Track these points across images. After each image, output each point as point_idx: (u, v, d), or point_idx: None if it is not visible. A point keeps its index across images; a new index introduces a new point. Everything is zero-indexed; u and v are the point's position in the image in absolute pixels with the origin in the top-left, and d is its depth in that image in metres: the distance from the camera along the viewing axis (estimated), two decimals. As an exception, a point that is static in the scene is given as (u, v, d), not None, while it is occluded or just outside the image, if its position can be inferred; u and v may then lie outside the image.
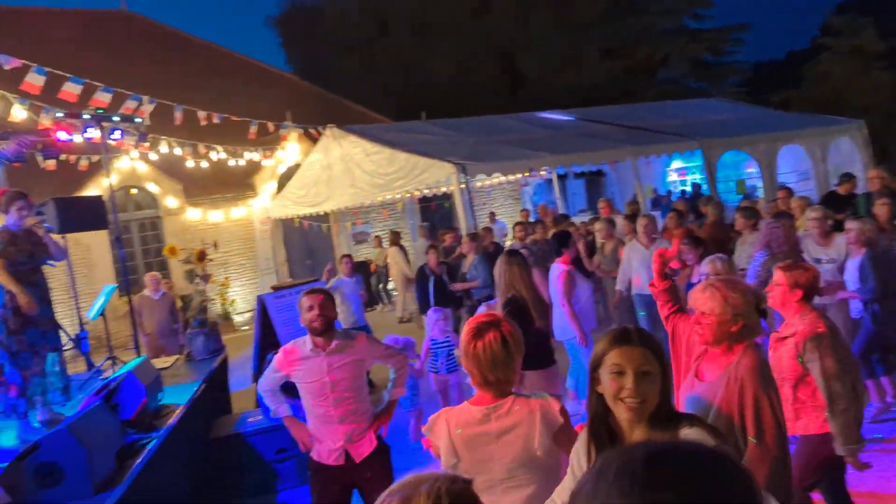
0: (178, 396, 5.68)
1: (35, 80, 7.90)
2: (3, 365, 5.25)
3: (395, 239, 14.36)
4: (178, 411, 5.24)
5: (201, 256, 7.08)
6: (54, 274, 10.19)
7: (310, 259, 17.01)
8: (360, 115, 19.44)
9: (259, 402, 6.21)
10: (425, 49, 27.67)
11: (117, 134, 7.14)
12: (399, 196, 12.76)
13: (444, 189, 14.38)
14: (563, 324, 6.31)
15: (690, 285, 5.48)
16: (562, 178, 18.12)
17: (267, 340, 7.28)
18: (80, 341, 7.28)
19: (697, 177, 16.74)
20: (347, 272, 8.84)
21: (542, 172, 13.99)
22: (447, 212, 17.56)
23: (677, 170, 18.68)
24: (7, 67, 7.67)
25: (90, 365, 7.11)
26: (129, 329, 7.20)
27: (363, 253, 16.63)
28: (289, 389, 4.12)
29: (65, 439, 3.65)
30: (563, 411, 2.55)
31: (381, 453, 3.94)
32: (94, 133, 6.68)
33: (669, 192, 17.37)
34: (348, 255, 9.25)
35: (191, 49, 19.87)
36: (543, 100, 21.57)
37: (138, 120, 7.26)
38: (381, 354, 4.03)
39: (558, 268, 6.38)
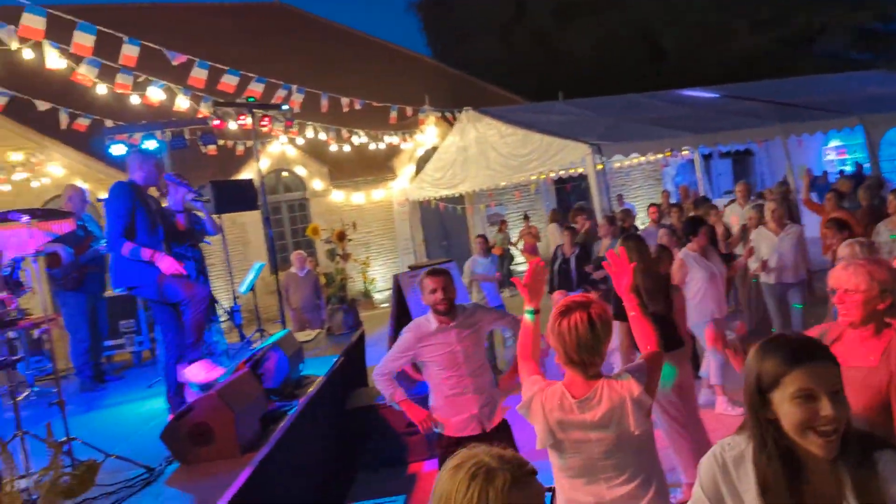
0: (318, 368, 6.04)
1: (199, 74, 8.60)
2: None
3: (555, 216, 14.37)
4: (317, 382, 5.59)
5: (341, 236, 7.45)
6: (212, 251, 11.09)
7: (445, 240, 17.36)
8: (498, 96, 19.50)
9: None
10: (564, 27, 27.24)
11: (266, 121, 7.64)
12: (533, 177, 12.73)
13: (580, 170, 14.20)
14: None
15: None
16: (707, 157, 17.36)
17: (402, 318, 7.55)
18: (233, 314, 7.89)
19: (859, 156, 15.48)
20: (482, 252, 8.97)
21: (684, 152, 13.48)
22: (583, 193, 17.34)
23: (836, 148, 17.36)
24: (175, 63, 8.36)
25: (242, 336, 7.69)
26: (276, 303, 7.72)
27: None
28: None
29: (215, 403, 4.01)
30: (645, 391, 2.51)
31: (505, 429, 4.05)
32: (246, 120, 7.21)
33: (825, 173, 16.19)
34: (482, 236, 9.36)
35: (337, 37, 20.70)
36: (687, 76, 20.69)
37: (285, 107, 7.72)
38: (494, 318, 4.17)
39: (679, 253, 6.26)
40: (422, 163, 16.52)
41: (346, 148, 15.19)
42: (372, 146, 15.51)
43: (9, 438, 3.74)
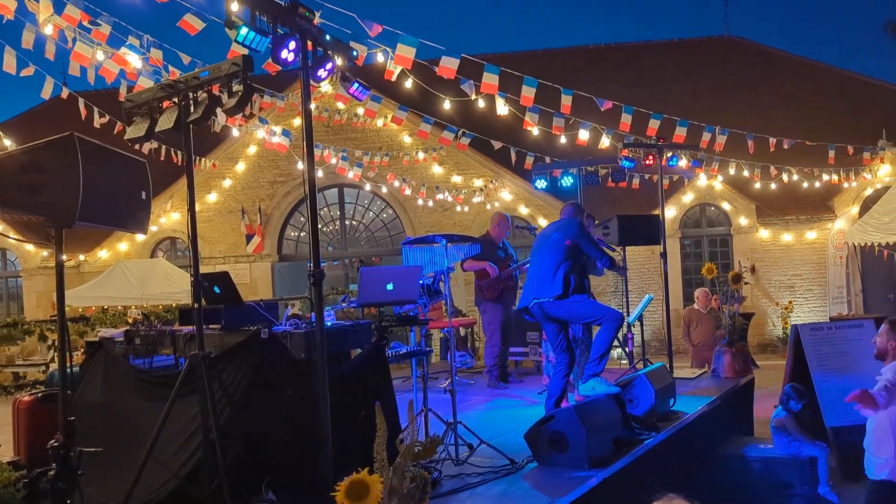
0: (692, 406, 6.15)
1: (625, 119, 9.29)
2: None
3: None
4: (682, 419, 5.74)
5: (736, 279, 7.38)
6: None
7: (892, 293, 15.24)
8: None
9: (773, 434, 6.23)
10: None
11: (676, 160, 7.95)
12: None
13: None
14: None
15: None
16: None
17: (797, 374, 7.13)
18: (626, 341, 8.37)
19: None
20: None
21: None
22: None
23: None
24: (603, 109, 9.16)
25: (630, 364, 8.11)
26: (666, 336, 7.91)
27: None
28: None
29: (571, 416, 4.55)
30: None
31: None
32: (650, 161, 7.63)
33: None
34: None
35: (787, 68, 19.64)
36: None
37: (698, 153, 7.91)
38: None
39: None
40: (869, 203, 14.82)
41: (773, 185, 14.45)
42: (805, 184, 14.46)
43: (416, 412, 4.82)
